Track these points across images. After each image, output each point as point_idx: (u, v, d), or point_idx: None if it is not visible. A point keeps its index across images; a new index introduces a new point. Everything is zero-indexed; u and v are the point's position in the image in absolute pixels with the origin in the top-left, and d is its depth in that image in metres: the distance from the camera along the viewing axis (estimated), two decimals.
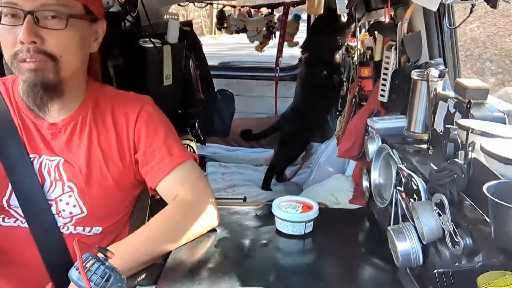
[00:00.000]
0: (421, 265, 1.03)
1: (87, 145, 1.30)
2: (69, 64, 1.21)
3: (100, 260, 0.95)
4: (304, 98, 3.41)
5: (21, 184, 1.25)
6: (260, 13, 4.53)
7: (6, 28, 1.16)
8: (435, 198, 0.95)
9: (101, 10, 1.33)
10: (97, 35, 1.31)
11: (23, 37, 1.12)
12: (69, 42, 1.19)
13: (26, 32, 1.12)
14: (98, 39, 1.32)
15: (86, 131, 1.31)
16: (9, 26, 1.16)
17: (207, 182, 1.38)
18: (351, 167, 2.18)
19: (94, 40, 1.30)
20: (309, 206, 1.35)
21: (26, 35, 1.12)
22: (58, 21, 1.16)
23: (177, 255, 1.21)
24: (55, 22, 1.16)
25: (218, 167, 3.99)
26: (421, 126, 1.28)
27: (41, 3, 1.14)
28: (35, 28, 1.13)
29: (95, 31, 1.29)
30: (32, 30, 1.13)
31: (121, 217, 1.41)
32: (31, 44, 1.14)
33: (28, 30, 1.12)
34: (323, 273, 1.17)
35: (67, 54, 1.20)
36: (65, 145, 1.30)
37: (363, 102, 1.87)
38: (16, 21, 1.15)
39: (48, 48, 1.16)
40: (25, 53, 1.14)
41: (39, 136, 1.29)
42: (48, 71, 1.17)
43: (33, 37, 1.13)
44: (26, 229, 1.26)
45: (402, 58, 1.49)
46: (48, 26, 1.15)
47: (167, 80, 2.23)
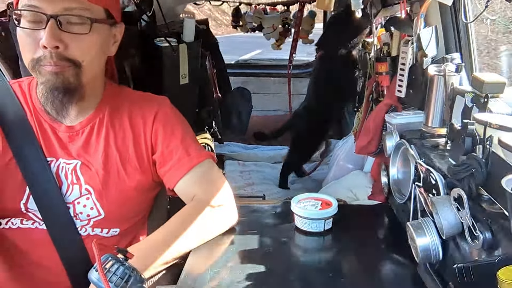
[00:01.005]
0: (440, 260, 1.03)
1: (104, 147, 1.30)
2: (91, 69, 1.21)
3: (119, 261, 0.95)
4: (316, 96, 3.39)
5: (39, 187, 1.25)
6: (276, 11, 4.52)
7: (27, 32, 1.15)
8: (453, 193, 0.95)
9: (119, 13, 1.32)
10: (116, 38, 1.31)
11: (46, 41, 1.11)
12: (92, 47, 1.19)
13: (49, 36, 1.11)
14: (117, 42, 1.32)
15: (103, 133, 1.31)
16: (30, 30, 1.15)
17: (225, 181, 1.37)
18: (370, 163, 2.18)
19: (113, 44, 1.30)
20: (328, 202, 1.35)
21: (50, 40, 1.11)
22: (82, 25, 1.15)
23: (196, 254, 1.22)
24: (79, 26, 1.15)
25: (237, 166, 4.00)
26: (438, 121, 1.27)
27: (64, 7, 1.13)
28: (58, 32, 1.12)
29: (113, 35, 1.29)
30: (55, 35, 1.12)
31: (139, 218, 1.41)
32: (53, 49, 1.12)
33: (51, 34, 1.11)
34: (343, 270, 1.18)
35: (90, 59, 1.19)
36: (82, 148, 1.30)
37: (380, 98, 1.86)
38: (37, 25, 1.13)
39: (71, 53, 1.15)
40: (49, 59, 1.13)
41: (56, 139, 1.29)
42: (69, 75, 1.17)
43: (56, 42, 1.12)
44: (44, 231, 1.26)
45: (418, 53, 1.48)
46: (72, 30, 1.14)
47: (183, 79, 2.23)
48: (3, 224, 1.28)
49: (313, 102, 3.40)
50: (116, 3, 1.31)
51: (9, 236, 1.27)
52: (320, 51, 3.35)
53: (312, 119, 3.34)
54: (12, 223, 1.28)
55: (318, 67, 3.37)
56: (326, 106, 3.28)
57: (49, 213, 1.26)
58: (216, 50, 3.19)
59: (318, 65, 3.37)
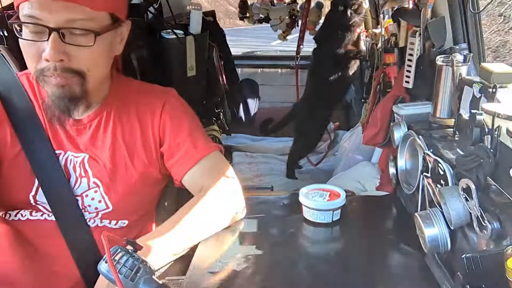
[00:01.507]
0: (449, 250, 1.03)
1: (112, 140, 1.30)
2: (97, 77, 1.21)
3: (129, 252, 0.95)
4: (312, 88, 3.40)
5: (47, 179, 1.26)
6: (283, 2, 4.50)
7: (30, 42, 1.13)
8: (462, 183, 0.95)
9: (125, 11, 1.29)
10: (122, 35, 1.28)
11: (49, 55, 1.09)
12: (97, 57, 1.18)
13: (52, 51, 1.09)
14: (123, 39, 1.29)
15: (110, 126, 1.31)
16: (32, 42, 1.12)
17: (233, 172, 1.37)
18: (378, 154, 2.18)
19: (119, 42, 1.28)
20: (336, 194, 1.36)
21: (53, 54, 1.09)
22: (85, 37, 1.13)
23: (205, 246, 1.23)
24: (82, 38, 1.13)
25: (244, 157, 4.00)
26: (446, 112, 1.27)
27: (67, 19, 1.10)
28: (61, 45, 1.10)
29: (120, 33, 1.27)
30: (59, 48, 1.10)
31: (147, 210, 1.42)
32: (58, 62, 1.11)
33: (54, 48, 1.09)
34: (352, 261, 1.18)
35: (95, 68, 1.19)
36: (89, 141, 1.30)
37: (388, 89, 1.86)
38: (40, 37, 1.11)
39: (75, 65, 1.14)
40: (52, 71, 1.12)
41: (64, 132, 1.29)
42: (74, 86, 1.16)
43: (60, 55, 1.10)
44: (54, 222, 1.27)
45: (426, 44, 1.48)
46: (76, 42, 1.12)
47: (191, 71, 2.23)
48: (12, 216, 1.29)
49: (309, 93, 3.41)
50: (121, 2, 1.28)
51: (18, 228, 1.28)
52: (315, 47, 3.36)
53: (311, 108, 3.35)
54: (22, 215, 1.29)
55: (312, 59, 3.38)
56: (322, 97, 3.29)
57: (58, 205, 1.27)
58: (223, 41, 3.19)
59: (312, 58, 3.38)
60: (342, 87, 3.29)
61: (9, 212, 1.30)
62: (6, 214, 1.30)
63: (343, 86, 3.28)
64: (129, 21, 1.30)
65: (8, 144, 1.25)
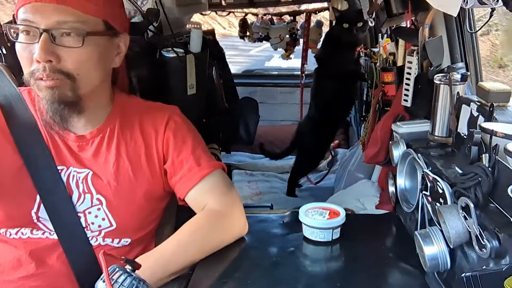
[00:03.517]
0: (449, 269, 1.03)
1: (115, 157, 1.30)
2: (88, 82, 1.20)
3: (127, 271, 0.95)
4: (315, 107, 3.42)
5: (49, 195, 1.26)
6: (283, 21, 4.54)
7: (23, 46, 1.15)
8: (460, 202, 0.95)
9: (123, 24, 1.30)
10: (119, 49, 1.29)
11: (39, 56, 1.11)
12: (86, 60, 1.18)
13: (41, 51, 1.10)
14: (121, 54, 1.30)
15: (114, 143, 1.31)
16: (25, 44, 1.15)
17: (236, 191, 1.38)
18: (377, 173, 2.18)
19: (116, 55, 1.29)
20: (336, 212, 1.36)
21: (42, 54, 1.11)
22: (75, 38, 1.14)
23: (204, 264, 1.22)
24: (71, 39, 1.14)
25: (244, 175, 4.00)
26: (445, 130, 1.28)
27: (57, 21, 1.12)
28: (51, 46, 1.12)
29: (117, 46, 1.28)
30: (48, 49, 1.11)
31: (150, 228, 1.41)
32: (47, 62, 1.12)
33: (43, 48, 1.11)
34: (352, 279, 1.18)
35: (85, 71, 1.18)
36: (92, 157, 1.30)
37: (387, 107, 1.87)
38: (32, 39, 1.13)
39: (65, 66, 1.15)
40: (42, 72, 1.13)
41: (66, 148, 1.29)
42: (65, 89, 1.16)
43: (49, 56, 1.12)
44: (55, 241, 1.26)
45: (424, 63, 1.49)
46: (64, 44, 1.14)
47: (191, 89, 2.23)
48: (13, 234, 1.28)
49: (313, 113, 3.42)
50: (118, 13, 1.29)
51: (19, 246, 1.27)
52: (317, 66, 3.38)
53: (315, 128, 3.36)
54: (22, 233, 1.28)
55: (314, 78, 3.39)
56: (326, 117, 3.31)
57: (60, 221, 1.26)
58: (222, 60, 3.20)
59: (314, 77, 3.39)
60: (345, 106, 3.31)
61: (9, 230, 1.28)
62: (6, 232, 1.28)
63: (346, 105, 3.30)
64: (126, 34, 1.31)
65: (9, 159, 1.25)
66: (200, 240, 1.25)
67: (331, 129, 3.44)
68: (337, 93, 3.17)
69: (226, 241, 1.29)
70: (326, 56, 3.26)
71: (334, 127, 3.46)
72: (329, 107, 3.26)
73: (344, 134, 4.51)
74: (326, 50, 3.34)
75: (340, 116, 3.40)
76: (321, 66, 3.32)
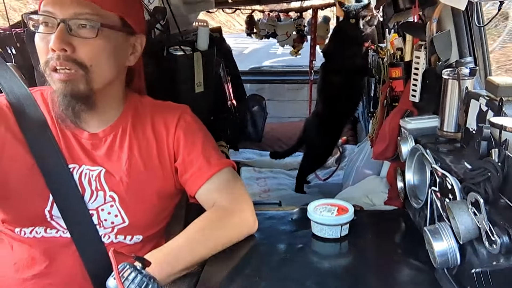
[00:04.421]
0: (458, 265, 1.03)
1: (128, 155, 1.32)
2: (100, 74, 1.22)
3: (137, 269, 0.96)
4: (322, 103, 3.41)
5: (61, 194, 1.27)
6: (289, 17, 4.54)
7: (41, 36, 1.19)
8: (470, 197, 0.95)
9: (140, 24, 1.33)
10: (135, 48, 1.32)
11: (54, 44, 1.14)
12: (100, 51, 1.20)
13: (56, 39, 1.14)
14: (136, 53, 1.33)
15: (126, 141, 1.33)
16: (43, 34, 1.18)
17: (245, 188, 1.38)
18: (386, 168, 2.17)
19: (131, 54, 1.32)
20: (344, 208, 1.35)
21: (57, 43, 1.14)
22: (89, 30, 1.17)
23: (214, 261, 1.22)
24: (86, 30, 1.18)
25: (252, 172, 4.01)
26: (453, 125, 1.27)
27: (74, 12, 1.16)
28: (66, 36, 1.15)
29: (132, 45, 1.30)
30: (63, 38, 1.15)
31: (161, 226, 1.43)
32: (61, 51, 1.15)
33: (59, 37, 1.14)
34: (361, 276, 1.17)
35: (98, 63, 1.20)
36: (105, 155, 1.31)
37: (395, 103, 1.86)
38: (50, 29, 1.17)
39: (78, 56, 1.17)
40: (55, 61, 1.16)
41: (79, 146, 1.31)
42: (78, 82, 1.19)
43: (64, 45, 1.15)
44: (69, 239, 1.27)
45: (432, 58, 1.48)
46: (79, 34, 1.17)
47: (198, 87, 2.24)
48: (27, 233, 1.29)
49: (320, 109, 3.41)
50: (135, 13, 1.32)
51: (33, 245, 1.29)
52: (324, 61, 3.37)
53: (322, 124, 3.35)
54: (37, 232, 1.29)
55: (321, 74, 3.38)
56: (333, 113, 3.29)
57: (72, 219, 1.27)
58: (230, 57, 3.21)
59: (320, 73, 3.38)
60: (353, 102, 3.30)
61: (23, 229, 1.29)
62: (21, 231, 1.30)
63: (353, 101, 3.29)
64: (143, 35, 1.34)
65: (21, 159, 1.26)
66: (209, 237, 1.25)
67: (339, 125, 3.42)
68: (344, 89, 3.15)
69: (236, 239, 1.30)
70: (333, 51, 3.25)
71: (342, 123, 3.44)
72: (336, 103, 3.24)
73: (352, 130, 4.51)
74: (333, 45, 3.33)
75: (347, 112, 3.38)
76: (328, 61, 3.30)
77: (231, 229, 1.29)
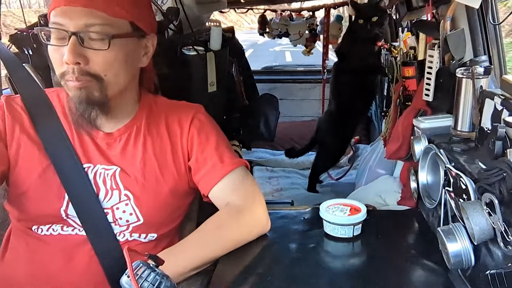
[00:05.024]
0: (472, 266, 1.02)
1: (142, 154, 1.33)
2: (115, 82, 1.23)
3: (150, 267, 0.96)
4: (335, 102, 3.40)
5: (76, 193, 1.28)
6: (302, 17, 4.52)
7: (54, 48, 1.19)
8: (484, 198, 0.94)
9: (151, 26, 1.33)
10: (147, 49, 1.32)
11: (68, 58, 1.14)
12: (113, 62, 1.20)
13: (70, 53, 1.14)
14: (148, 53, 1.33)
15: (140, 140, 1.34)
16: (56, 46, 1.19)
17: (258, 188, 1.38)
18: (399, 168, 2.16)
19: (143, 55, 1.32)
20: (357, 208, 1.35)
21: (70, 56, 1.14)
22: (101, 42, 1.17)
23: (226, 260, 1.23)
24: (98, 42, 1.17)
25: (265, 172, 4.01)
26: (467, 125, 1.26)
27: (85, 24, 1.16)
28: (79, 48, 1.15)
29: (144, 46, 1.31)
30: (76, 51, 1.15)
31: (175, 224, 1.44)
32: (75, 65, 1.16)
33: (72, 51, 1.14)
34: (373, 276, 1.17)
35: (112, 73, 1.21)
36: (120, 155, 1.33)
37: (408, 102, 1.85)
38: (62, 42, 1.17)
39: (92, 68, 1.18)
40: (71, 75, 1.16)
41: (95, 145, 1.32)
42: (93, 90, 1.20)
43: (77, 58, 1.15)
44: (84, 237, 1.29)
45: (445, 57, 1.47)
46: (92, 46, 1.17)
47: (211, 87, 2.25)
48: (44, 230, 1.32)
49: (333, 108, 3.40)
50: (145, 15, 1.32)
51: (50, 242, 1.31)
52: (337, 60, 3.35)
53: (335, 124, 3.34)
54: (53, 229, 1.31)
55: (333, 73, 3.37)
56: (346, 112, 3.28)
57: (87, 218, 1.29)
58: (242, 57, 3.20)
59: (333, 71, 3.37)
60: (366, 102, 3.28)
61: (41, 227, 1.32)
62: (38, 228, 1.32)
63: (366, 101, 3.27)
64: (154, 35, 1.34)
65: (36, 159, 1.28)
66: (222, 236, 1.25)
67: (351, 124, 3.41)
68: (357, 88, 3.14)
69: (248, 238, 1.30)
70: (346, 50, 3.24)
71: (354, 122, 3.43)
72: (349, 102, 3.23)
73: (365, 129, 4.48)
74: (345, 44, 3.32)
75: (360, 111, 3.37)
76: (340, 60, 3.29)
77: (244, 229, 1.29)
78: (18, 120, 1.30)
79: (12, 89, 1.79)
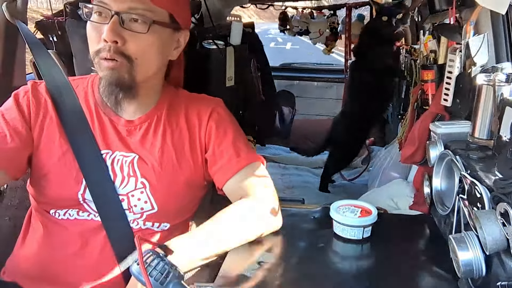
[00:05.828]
0: (483, 276, 1.00)
1: (161, 143, 1.36)
2: (145, 68, 1.28)
3: (159, 256, 1.00)
4: (350, 102, 3.37)
5: (93, 178, 1.31)
6: (323, 15, 4.50)
7: (94, 25, 1.25)
8: (499, 208, 0.92)
9: (187, 21, 1.39)
10: (179, 43, 1.38)
11: (107, 36, 1.20)
12: (148, 47, 1.26)
13: (109, 31, 1.19)
14: (179, 48, 1.38)
15: (160, 130, 1.37)
16: (96, 24, 1.24)
17: (272, 185, 1.39)
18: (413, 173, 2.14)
19: (174, 48, 1.37)
20: (368, 210, 1.34)
21: (110, 35, 1.19)
22: (141, 25, 1.23)
23: (234, 254, 1.23)
24: (138, 25, 1.23)
25: (277, 168, 4.00)
26: (486, 132, 1.24)
27: (129, 6, 1.21)
28: (119, 28, 1.21)
29: (176, 40, 1.36)
30: (116, 30, 1.20)
31: (187, 216, 1.46)
32: (113, 43, 1.21)
33: (111, 29, 1.20)
34: (381, 279, 1.16)
35: (144, 57, 1.26)
36: (139, 142, 1.36)
37: (426, 106, 1.83)
38: (103, 20, 1.23)
39: (127, 49, 1.23)
40: (106, 52, 1.22)
41: (115, 132, 1.36)
42: (124, 72, 1.24)
43: (116, 37, 1.20)
44: (99, 222, 1.32)
45: (467, 62, 1.44)
46: (131, 28, 1.23)
47: (229, 81, 2.25)
48: (61, 215, 1.35)
49: (347, 108, 3.38)
50: (184, 10, 1.37)
51: (67, 227, 1.34)
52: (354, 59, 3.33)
53: (349, 124, 3.32)
54: (70, 214, 1.34)
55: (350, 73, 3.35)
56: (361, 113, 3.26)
57: (103, 203, 1.32)
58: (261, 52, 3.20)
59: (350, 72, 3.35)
60: (382, 103, 3.25)
61: (58, 211, 1.35)
62: (55, 213, 1.35)
63: (382, 102, 3.25)
64: (187, 30, 1.38)
65: (57, 143, 1.33)
66: (231, 229, 1.25)
67: (366, 125, 3.38)
68: (373, 88, 3.12)
69: (259, 233, 1.29)
70: (364, 49, 3.22)
71: (369, 123, 3.40)
72: (364, 102, 3.21)
73: (380, 131, 4.45)
74: (364, 43, 3.29)
75: (375, 112, 3.34)
76: (358, 59, 3.27)
77: (256, 223, 1.29)
78: (42, 104, 1.35)
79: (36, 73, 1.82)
